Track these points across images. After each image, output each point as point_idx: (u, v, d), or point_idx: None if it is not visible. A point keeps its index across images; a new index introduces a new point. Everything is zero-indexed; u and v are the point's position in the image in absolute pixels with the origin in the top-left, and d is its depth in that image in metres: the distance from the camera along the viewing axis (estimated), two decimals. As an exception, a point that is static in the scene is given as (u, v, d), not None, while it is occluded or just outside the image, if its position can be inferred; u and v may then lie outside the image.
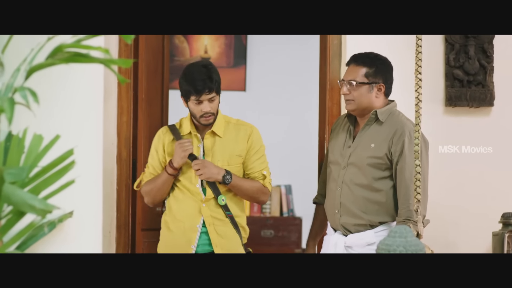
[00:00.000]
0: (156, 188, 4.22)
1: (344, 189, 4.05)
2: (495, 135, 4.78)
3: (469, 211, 4.72)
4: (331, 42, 4.77)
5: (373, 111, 4.03)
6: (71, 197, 3.03)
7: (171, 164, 4.16)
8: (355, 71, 4.03)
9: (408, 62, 4.19)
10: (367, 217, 4.01)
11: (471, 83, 4.73)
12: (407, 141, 3.95)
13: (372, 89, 4.02)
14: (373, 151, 4.01)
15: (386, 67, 4.07)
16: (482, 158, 4.75)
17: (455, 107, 4.76)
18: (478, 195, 4.74)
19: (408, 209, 3.89)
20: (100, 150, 3.14)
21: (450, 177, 4.69)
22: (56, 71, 2.93)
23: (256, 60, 8.09)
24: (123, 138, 4.62)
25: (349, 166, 4.06)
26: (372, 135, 4.04)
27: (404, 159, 3.93)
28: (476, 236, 4.65)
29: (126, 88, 4.62)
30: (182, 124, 4.27)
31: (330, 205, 4.13)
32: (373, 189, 4.00)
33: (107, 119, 4.44)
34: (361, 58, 4.06)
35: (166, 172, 4.19)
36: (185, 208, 4.21)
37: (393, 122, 4.03)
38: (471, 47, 4.73)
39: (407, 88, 4.25)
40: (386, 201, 4.00)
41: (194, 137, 4.23)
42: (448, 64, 4.73)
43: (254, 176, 4.27)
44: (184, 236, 4.18)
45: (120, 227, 4.65)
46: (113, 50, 4.54)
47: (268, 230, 7.61)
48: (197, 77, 4.06)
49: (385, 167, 4.00)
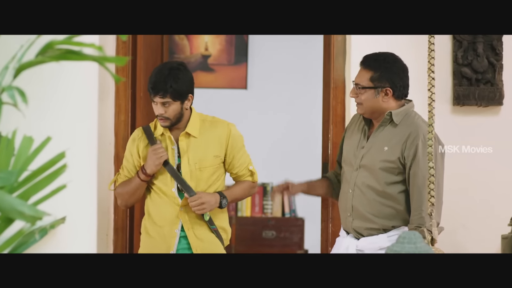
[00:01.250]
0: (129, 192, 4.14)
1: (357, 192, 4.00)
2: (504, 135, 4.73)
3: (477, 213, 4.68)
4: (335, 39, 4.72)
5: (388, 112, 3.96)
6: (63, 202, 2.91)
7: (144, 170, 4.08)
8: (361, 74, 3.99)
9: (413, 61, 4.22)
10: (380, 221, 3.95)
11: (479, 82, 4.67)
12: (421, 145, 3.89)
13: (378, 93, 3.96)
14: (386, 155, 3.95)
15: (395, 70, 3.98)
16: (491, 158, 4.69)
17: (463, 106, 4.71)
18: (487, 197, 4.69)
19: (420, 215, 3.84)
20: (94, 152, 3.01)
21: (457, 178, 4.64)
22: (48, 69, 2.81)
23: (258, 57, 8.08)
24: (121, 138, 4.58)
25: (361, 169, 4.00)
26: (386, 137, 3.98)
27: (417, 163, 3.88)
28: (485, 239, 4.59)
29: (123, 86, 4.58)
30: (157, 125, 4.17)
31: (343, 207, 4.09)
32: (386, 193, 3.95)
33: (104, 118, 4.41)
34: (368, 61, 4.01)
35: (138, 178, 4.10)
36: (163, 212, 4.13)
37: (408, 125, 3.96)
38: (479, 44, 4.68)
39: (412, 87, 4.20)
40: (399, 206, 3.95)
41: (167, 138, 4.13)
42: (456, 62, 4.68)
43: (242, 174, 4.23)
44: (164, 242, 4.11)
45: (117, 230, 4.60)
46: (111, 47, 4.51)
47: (269, 231, 7.56)
48: (154, 77, 4.01)
49: (398, 172, 3.94)
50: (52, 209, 2.73)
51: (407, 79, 4.01)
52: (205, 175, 4.12)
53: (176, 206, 4.10)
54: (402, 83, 3.98)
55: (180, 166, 4.10)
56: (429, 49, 3.30)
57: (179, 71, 4.02)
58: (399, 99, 4.00)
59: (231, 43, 7.99)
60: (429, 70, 3.28)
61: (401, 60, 4.02)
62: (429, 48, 3.30)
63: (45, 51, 2.31)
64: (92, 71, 3.03)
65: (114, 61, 2.26)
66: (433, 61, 3.30)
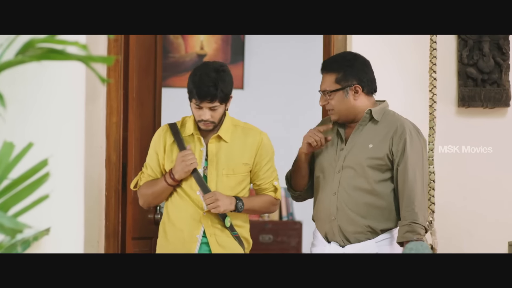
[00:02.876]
0: (153, 194, 3.99)
1: (342, 193, 3.88)
2: (511, 138, 4.68)
3: (485, 219, 4.62)
4: (335, 39, 4.67)
5: (367, 110, 3.89)
6: (48, 212, 2.74)
7: (172, 175, 3.92)
8: (326, 80, 3.93)
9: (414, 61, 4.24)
10: (367, 222, 3.84)
11: (485, 82, 4.63)
12: (409, 140, 3.83)
13: (347, 93, 3.89)
14: (372, 152, 3.86)
15: (357, 66, 3.91)
16: (498, 162, 4.63)
17: (469, 108, 4.65)
18: (493, 202, 4.64)
19: (414, 211, 3.75)
20: (81, 158, 2.83)
21: (462, 182, 4.60)
22: (31, 69, 2.64)
23: (255, 56, 8.03)
24: (112, 140, 4.51)
25: (345, 169, 3.89)
26: (369, 135, 3.90)
27: (406, 158, 3.81)
28: (491, 246, 4.50)
29: (115, 86, 4.50)
30: (185, 124, 3.99)
31: (324, 213, 3.94)
32: (374, 192, 3.86)
33: (95, 120, 4.35)
34: (329, 64, 3.96)
35: (165, 182, 3.94)
36: (184, 216, 3.96)
37: (390, 120, 3.90)
38: (485, 43, 4.63)
39: (412, 88, 4.22)
40: (387, 206, 3.87)
41: (196, 140, 3.97)
42: (461, 61, 4.63)
43: (265, 188, 4.07)
44: (183, 246, 3.94)
45: (109, 236, 4.52)
46: (102, 45, 4.44)
47: (266, 235, 7.50)
48: (202, 81, 3.81)
49: (386, 169, 3.87)
50: (35, 220, 2.59)
51: (372, 73, 3.94)
52: (232, 182, 3.97)
53: (200, 210, 3.95)
54: (368, 77, 3.92)
55: (206, 169, 3.96)
56: (430, 48, 3.18)
57: (225, 73, 3.86)
58: (370, 95, 3.94)
59: (227, 42, 7.93)
60: (431, 70, 3.16)
61: (361, 56, 3.96)
62: (431, 47, 3.17)
63: (25, 50, 2.15)
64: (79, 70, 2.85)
65: (100, 61, 2.09)
66: (435, 61, 3.18)
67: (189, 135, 3.96)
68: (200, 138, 3.95)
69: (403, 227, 3.74)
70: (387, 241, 3.85)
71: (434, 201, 3.19)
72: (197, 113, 3.86)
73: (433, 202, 3.18)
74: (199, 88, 3.80)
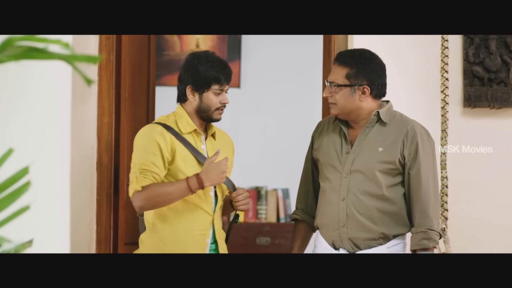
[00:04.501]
0: (168, 198, 3.70)
1: (351, 199, 3.77)
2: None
3: (491, 223, 4.56)
4: (336, 37, 4.62)
5: (375, 111, 3.79)
6: (31, 223, 2.57)
7: (200, 182, 3.69)
8: (336, 72, 3.82)
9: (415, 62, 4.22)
10: (379, 229, 3.75)
11: (492, 81, 4.57)
12: (421, 143, 3.75)
13: (354, 92, 3.77)
14: (382, 156, 3.76)
15: (372, 66, 3.80)
16: (505, 165, 4.57)
17: (475, 108, 4.59)
18: (499, 207, 4.57)
19: (429, 217, 3.68)
20: (67, 165, 2.67)
21: (469, 185, 4.54)
22: (12, 69, 2.47)
23: (252, 55, 7.96)
24: (104, 142, 4.46)
25: (354, 174, 3.78)
26: (377, 138, 3.80)
27: (419, 162, 3.73)
28: (497, 251, 4.40)
29: (107, 86, 4.47)
30: (179, 121, 3.81)
31: (331, 219, 3.81)
32: (385, 197, 3.76)
33: (86, 121, 4.32)
34: (344, 57, 3.85)
35: (189, 188, 3.68)
36: (190, 220, 3.77)
37: (400, 123, 3.81)
38: (492, 41, 4.57)
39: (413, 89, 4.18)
40: (399, 211, 3.78)
41: (197, 136, 3.83)
42: (466, 60, 4.56)
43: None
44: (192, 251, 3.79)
45: (100, 241, 4.46)
46: (93, 43, 4.41)
47: (264, 238, 7.38)
48: (224, 63, 3.83)
49: (397, 173, 3.77)
50: (17, 231, 2.44)
51: (385, 77, 3.85)
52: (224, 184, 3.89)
53: (209, 211, 3.80)
54: (380, 81, 3.82)
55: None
56: (442, 47, 3.07)
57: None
58: (377, 99, 3.84)
59: (224, 39, 7.87)
60: (442, 70, 3.04)
61: (378, 57, 3.87)
62: (442, 45, 3.05)
63: (3, 49, 1.97)
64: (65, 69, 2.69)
65: (85, 60, 1.91)
66: (446, 60, 3.07)
67: (188, 133, 3.80)
68: (201, 134, 3.84)
69: (418, 234, 3.67)
70: (399, 246, 3.78)
71: (447, 208, 3.08)
72: (217, 99, 3.80)
73: (446, 209, 3.07)
74: (224, 69, 3.80)
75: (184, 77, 3.81)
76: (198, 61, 3.79)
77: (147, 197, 3.67)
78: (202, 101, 3.79)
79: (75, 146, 4.29)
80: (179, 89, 3.84)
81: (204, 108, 3.79)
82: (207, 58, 3.80)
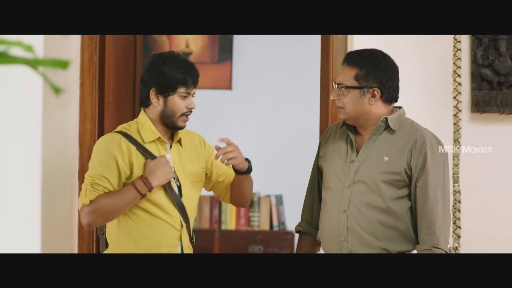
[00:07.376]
0: (117, 208, 3.54)
1: (353, 211, 3.61)
2: None
3: (496, 238, 4.45)
4: (334, 37, 4.54)
5: (383, 118, 3.62)
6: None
7: (147, 183, 3.52)
8: (345, 72, 3.67)
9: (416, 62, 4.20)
10: (382, 244, 3.60)
11: (502, 85, 4.46)
12: (430, 153, 3.58)
13: (363, 94, 3.63)
14: (388, 166, 3.60)
15: (384, 68, 3.66)
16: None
17: (483, 114, 4.46)
18: (508, 220, 4.47)
19: (435, 234, 3.52)
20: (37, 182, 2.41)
21: (475, 197, 4.42)
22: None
23: (244, 55, 7.90)
24: (86, 149, 4.37)
25: (357, 184, 3.62)
26: (384, 147, 3.63)
27: (427, 174, 3.56)
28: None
29: (90, 90, 4.41)
30: (141, 129, 3.64)
31: (331, 233, 3.67)
32: (389, 211, 3.60)
33: (67, 127, 4.29)
34: (353, 57, 3.70)
35: (137, 191, 3.52)
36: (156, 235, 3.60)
37: (409, 131, 3.64)
38: (502, 41, 4.45)
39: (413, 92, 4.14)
40: (404, 226, 3.62)
41: (161, 145, 3.65)
42: (474, 62, 4.44)
43: (231, 173, 3.82)
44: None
45: None
46: (75, 44, 4.34)
47: (256, 246, 7.25)
48: (191, 65, 3.66)
49: (403, 185, 3.61)
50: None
51: (398, 80, 3.71)
52: (198, 191, 3.76)
53: (177, 226, 3.62)
54: (392, 84, 3.67)
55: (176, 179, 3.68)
56: (454, 49, 2.90)
57: None
58: (388, 103, 3.69)
59: (215, 39, 7.80)
60: (455, 74, 2.88)
61: (391, 58, 3.73)
62: (455, 47, 2.88)
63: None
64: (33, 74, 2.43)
65: (51, 65, 1.66)
66: (459, 63, 2.93)
67: (151, 142, 3.63)
68: (165, 142, 3.67)
69: (423, 252, 3.53)
70: None
71: (460, 225, 2.91)
72: (183, 104, 3.63)
73: (459, 226, 2.90)
74: (191, 71, 3.64)
75: (148, 79, 3.63)
76: (163, 62, 3.63)
77: (96, 210, 3.53)
78: (166, 106, 3.62)
79: (52, 155, 4.15)
80: (142, 92, 3.67)
81: (169, 114, 3.62)
82: (173, 58, 3.65)
